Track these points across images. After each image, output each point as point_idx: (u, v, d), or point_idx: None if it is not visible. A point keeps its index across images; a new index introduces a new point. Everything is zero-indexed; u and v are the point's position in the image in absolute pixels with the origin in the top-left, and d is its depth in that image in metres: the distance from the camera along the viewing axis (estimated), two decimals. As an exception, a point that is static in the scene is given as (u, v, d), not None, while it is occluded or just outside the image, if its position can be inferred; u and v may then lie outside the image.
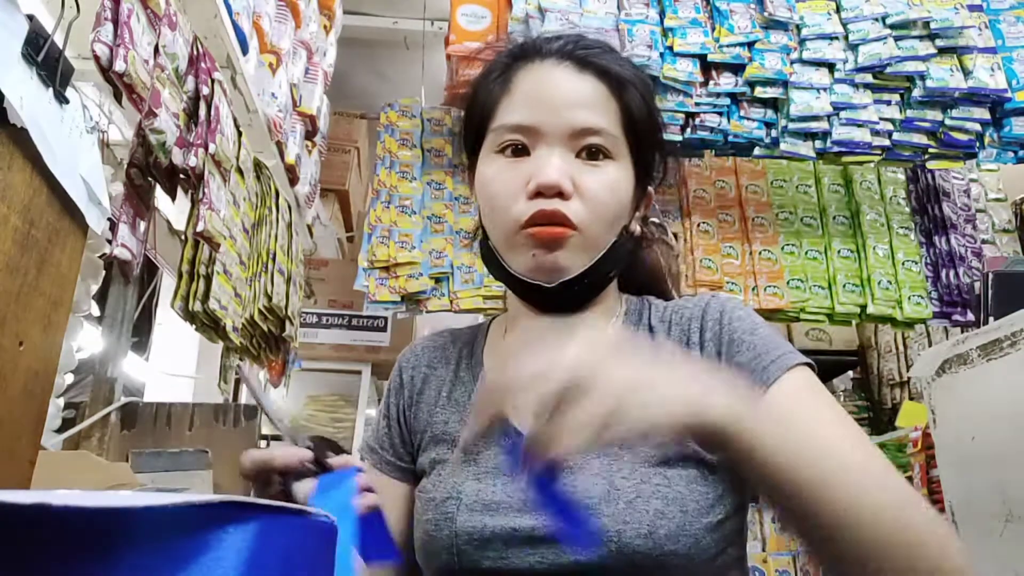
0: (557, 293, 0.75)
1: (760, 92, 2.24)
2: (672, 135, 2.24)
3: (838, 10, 2.32)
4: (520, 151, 0.74)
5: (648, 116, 0.77)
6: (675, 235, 2.59)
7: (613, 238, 0.76)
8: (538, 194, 0.71)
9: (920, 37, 2.29)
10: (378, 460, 0.87)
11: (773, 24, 2.29)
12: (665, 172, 0.84)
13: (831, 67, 2.29)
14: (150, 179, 1.31)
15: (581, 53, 0.75)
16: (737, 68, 2.26)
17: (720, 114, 2.27)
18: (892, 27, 2.28)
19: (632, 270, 0.86)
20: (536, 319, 0.80)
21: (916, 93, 2.29)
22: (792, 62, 2.27)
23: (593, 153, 0.73)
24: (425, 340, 0.92)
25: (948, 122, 2.30)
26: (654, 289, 0.87)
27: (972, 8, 2.34)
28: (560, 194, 0.71)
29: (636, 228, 0.81)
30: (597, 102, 0.74)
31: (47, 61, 0.94)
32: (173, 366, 2.79)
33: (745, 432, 0.53)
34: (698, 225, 2.64)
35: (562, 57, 0.75)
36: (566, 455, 0.50)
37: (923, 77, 2.27)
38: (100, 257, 1.29)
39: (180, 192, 1.39)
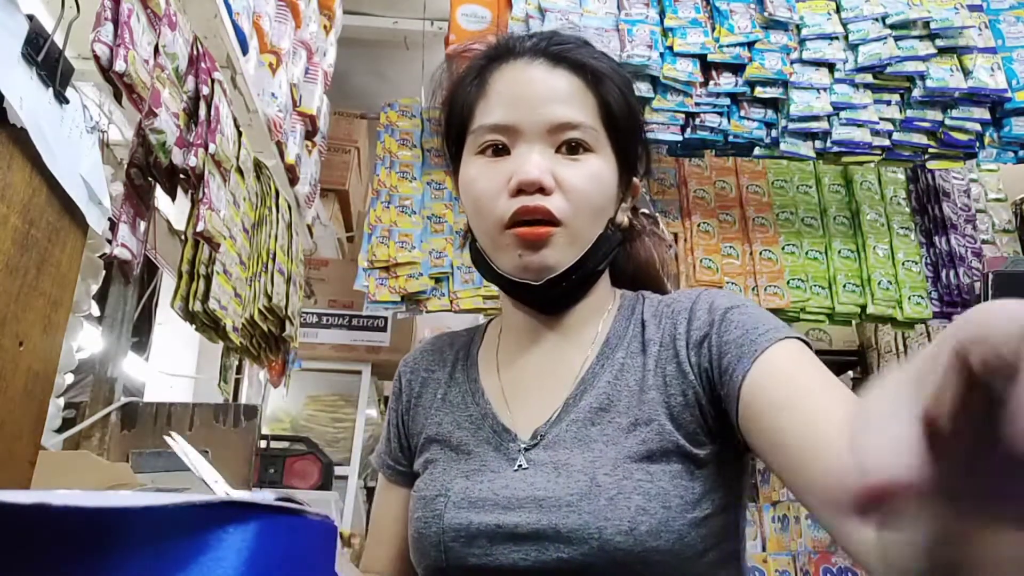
0: (546, 290, 0.75)
1: (760, 92, 2.24)
2: (672, 135, 2.25)
3: (838, 10, 2.32)
4: (500, 151, 0.74)
5: (627, 108, 0.77)
6: (675, 235, 2.59)
7: (599, 231, 0.76)
8: (520, 191, 0.71)
9: (920, 37, 2.29)
10: (381, 464, 0.88)
11: (773, 24, 2.29)
12: (648, 164, 0.85)
13: (831, 67, 2.29)
14: (150, 179, 1.31)
15: (555, 49, 0.76)
16: (737, 68, 2.26)
17: (720, 114, 2.27)
18: (892, 27, 2.28)
19: (623, 263, 0.86)
20: (528, 318, 0.81)
21: (916, 93, 2.29)
22: (792, 62, 2.27)
23: (573, 147, 0.74)
24: (424, 344, 0.92)
25: (948, 122, 2.30)
26: (648, 282, 0.87)
27: (972, 8, 2.34)
28: (542, 190, 0.71)
29: (624, 219, 0.81)
30: (573, 96, 0.74)
31: (47, 61, 0.94)
32: (173, 366, 2.79)
33: None
34: (698, 225, 2.64)
35: (535, 54, 0.75)
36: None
37: (923, 77, 2.27)
38: (100, 257, 1.29)
39: (180, 192, 1.39)
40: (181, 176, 1.34)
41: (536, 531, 0.67)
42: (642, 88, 2.21)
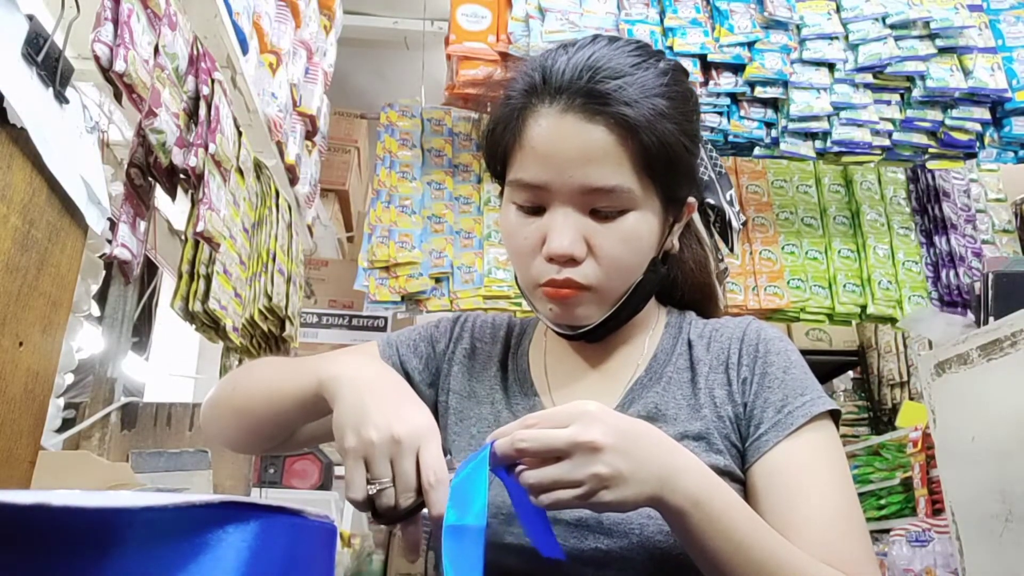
0: (581, 336, 0.77)
1: (760, 92, 2.24)
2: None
3: (838, 10, 2.32)
4: (534, 210, 0.73)
5: (671, 150, 0.71)
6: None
7: (636, 280, 0.76)
8: (552, 258, 0.71)
9: (920, 37, 2.29)
10: (388, 343, 0.88)
11: (773, 24, 2.29)
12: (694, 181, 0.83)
13: (831, 67, 2.29)
14: (150, 179, 1.31)
15: (594, 91, 0.69)
16: (737, 68, 2.26)
17: (720, 114, 2.27)
18: (892, 27, 2.28)
19: (672, 271, 0.86)
20: (573, 342, 0.82)
21: (916, 93, 2.29)
22: (792, 62, 2.27)
23: (607, 210, 0.71)
24: (487, 316, 0.93)
25: (948, 122, 2.30)
26: (696, 286, 0.88)
27: (972, 8, 2.34)
28: (572, 259, 0.71)
29: (674, 244, 0.80)
30: (608, 155, 0.69)
31: (47, 61, 0.94)
32: (173, 366, 2.79)
33: (695, 516, 0.59)
34: (698, 225, 2.64)
35: (572, 99, 0.69)
36: (544, 505, 0.57)
37: (923, 77, 2.27)
38: (100, 257, 1.29)
39: (180, 192, 1.39)
40: (181, 176, 1.34)
41: (578, 519, 0.69)
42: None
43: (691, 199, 0.80)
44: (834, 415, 0.73)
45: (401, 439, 0.59)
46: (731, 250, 0.99)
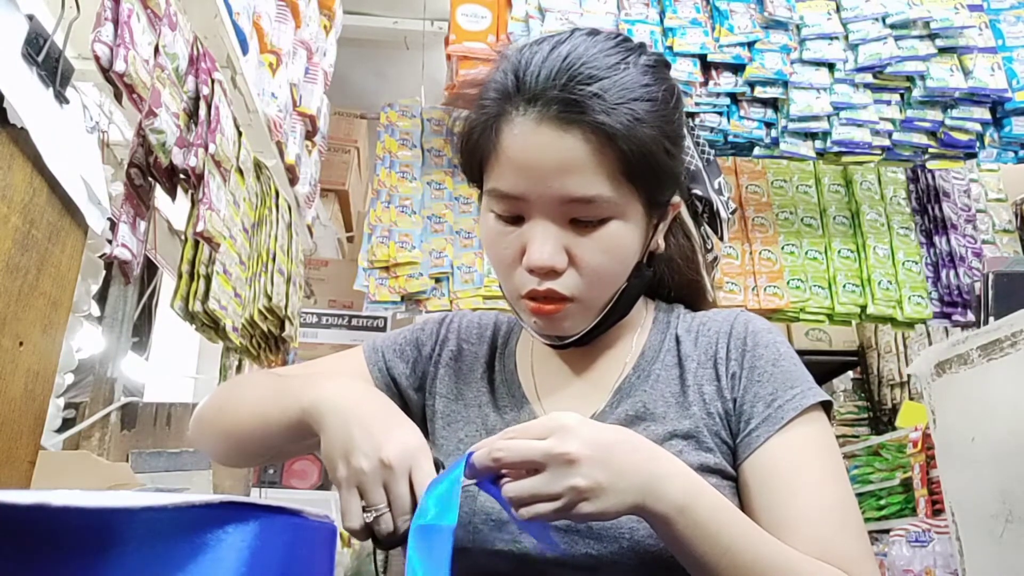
0: (568, 345, 0.77)
1: (760, 92, 2.24)
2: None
3: (838, 10, 2.32)
4: (513, 219, 0.71)
5: (654, 155, 0.68)
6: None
7: (621, 287, 0.75)
8: (532, 270, 0.70)
9: (920, 37, 2.29)
10: (373, 349, 0.87)
11: (773, 24, 2.29)
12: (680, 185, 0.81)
13: (831, 67, 2.29)
14: (150, 179, 1.31)
15: (569, 99, 0.66)
16: (737, 68, 2.26)
17: (720, 114, 2.27)
18: (892, 27, 2.28)
19: (657, 267, 0.84)
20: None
21: (916, 93, 2.29)
22: (792, 62, 2.27)
23: (587, 219, 0.69)
24: (476, 316, 0.92)
25: (948, 122, 2.30)
26: (683, 279, 0.86)
27: (972, 8, 2.34)
28: (554, 270, 0.69)
29: (659, 244, 0.78)
30: (585, 165, 0.66)
31: (47, 61, 0.94)
32: (173, 366, 2.79)
33: (680, 522, 0.59)
34: (698, 225, 2.64)
35: (547, 107, 0.66)
36: (524, 518, 0.57)
37: (923, 77, 2.27)
38: (100, 257, 1.29)
39: (180, 192, 1.39)
40: (181, 176, 1.34)
41: (568, 525, 0.68)
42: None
43: (676, 198, 0.79)
44: (826, 406, 0.72)
45: (392, 463, 0.59)
46: (721, 239, 0.96)
